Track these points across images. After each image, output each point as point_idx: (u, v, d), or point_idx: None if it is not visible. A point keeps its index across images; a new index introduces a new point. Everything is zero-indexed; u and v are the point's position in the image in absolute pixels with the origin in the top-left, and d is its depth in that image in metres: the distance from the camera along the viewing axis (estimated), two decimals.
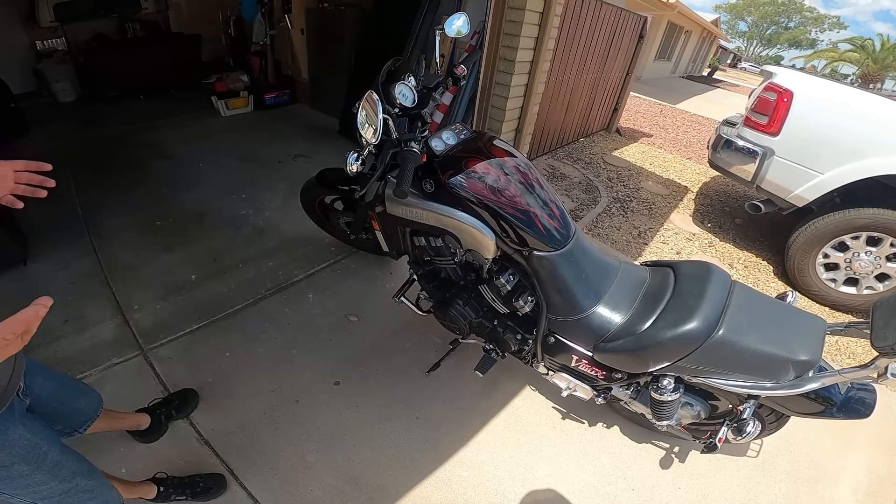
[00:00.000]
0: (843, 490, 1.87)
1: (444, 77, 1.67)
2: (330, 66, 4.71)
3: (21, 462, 0.91)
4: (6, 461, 0.89)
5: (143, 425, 1.60)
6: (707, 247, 3.71)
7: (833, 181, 2.90)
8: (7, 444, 0.88)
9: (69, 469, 1.03)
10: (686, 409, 1.63)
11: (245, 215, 3.00)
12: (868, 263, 2.88)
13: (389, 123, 1.38)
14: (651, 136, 6.94)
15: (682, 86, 15.78)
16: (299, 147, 4.08)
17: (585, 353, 1.58)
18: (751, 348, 1.31)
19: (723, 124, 3.77)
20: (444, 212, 1.49)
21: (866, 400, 1.43)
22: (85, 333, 2.02)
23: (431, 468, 1.73)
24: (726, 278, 1.50)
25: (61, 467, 1.00)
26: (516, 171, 1.53)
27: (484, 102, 3.70)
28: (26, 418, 0.96)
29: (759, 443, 1.98)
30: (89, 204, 2.85)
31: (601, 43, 4.88)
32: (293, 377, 1.97)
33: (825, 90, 2.99)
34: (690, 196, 4.72)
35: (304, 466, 1.66)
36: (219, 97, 4.65)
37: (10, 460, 0.89)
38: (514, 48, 3.37)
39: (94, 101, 4.57)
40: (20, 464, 0.91)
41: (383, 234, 1.92)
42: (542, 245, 1.48)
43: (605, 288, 1.57)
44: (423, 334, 2.27)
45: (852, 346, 2.74)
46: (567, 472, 1.80)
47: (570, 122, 5.23)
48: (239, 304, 2.29)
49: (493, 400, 2.02)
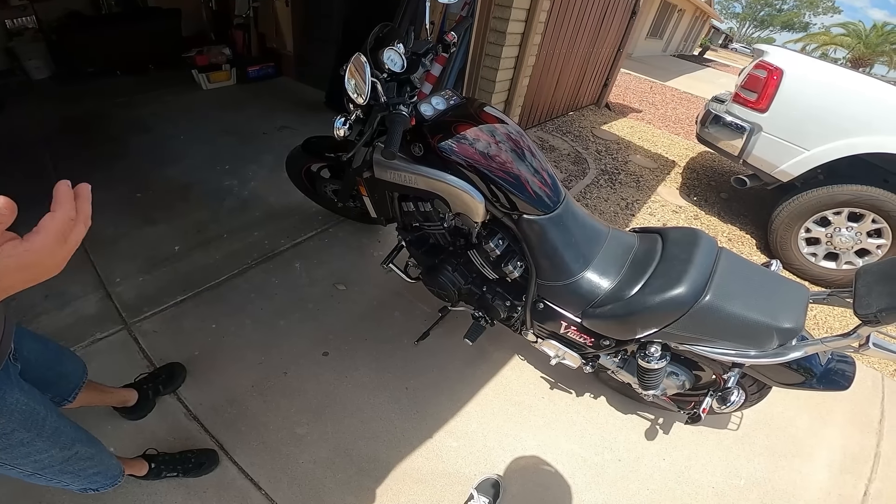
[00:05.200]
0: (818, 466, 1.92)
1: (434, 44, 1.63)
2: (316, 39, 4.57)
3: (21, 429, 0.88)
4: (6, 428, 0.85)
5: (130, 401, 1.58)
6: (693, 219, 3.77)
7: (818, 158, 2.94)
8: (6, 410, 0.85)
9: (68, 435, 1.00)
10: (671, 379, 1.66)
11: (229, 186, 2.93)
12: (848, 239, 2.95)
13: (378, 87, 1.35)
14: (640, 112, 6.93)
15: (673, 64, 15.70)
16: (284, 119, 3.98)
17: (574, 319, 1.59)
18: (736, 315, 1.32)
19: (712, 101, 3.78)
20: (433, 175, 1.47)
21: (846, 372, 1.46)
22: (66, 309, 1.97)
23: (422, 438, 1.74)
24: (713, 244, 1.51)
25: (60, 433, 0.97)
26: (507, 137, 1.51)
27: (474, 74, 3.65)
28: (22, 383, 0.93)
29: (740, 416, 2.02)
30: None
31: (593, 17, 4.80)
32: (281, 349, 1.95)
33: (814, 69, 3.01)
34: (678, 170, 4.75)
35: (294, 439, 1.66)
36: (200, 71, 4.49)
37: (10, 427, 0.86)
38: (506, 19, 3.31)
39: (70, 78, 4.39)
40: (20, 430, 0.88)
41: (371, 200, 1.90)
42: (531, 209, 1.48)
43: (594, 253, 1.58)
44: (411, 303, 2.27)
45: (830, 321, 2.81)
46: (555, 442, 1.83)
47: (560, 95, 5.18)
48: (224, 274, 2.26)
49: (482, 370, 2.03)
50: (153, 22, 4.86)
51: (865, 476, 1.91)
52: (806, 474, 1.88)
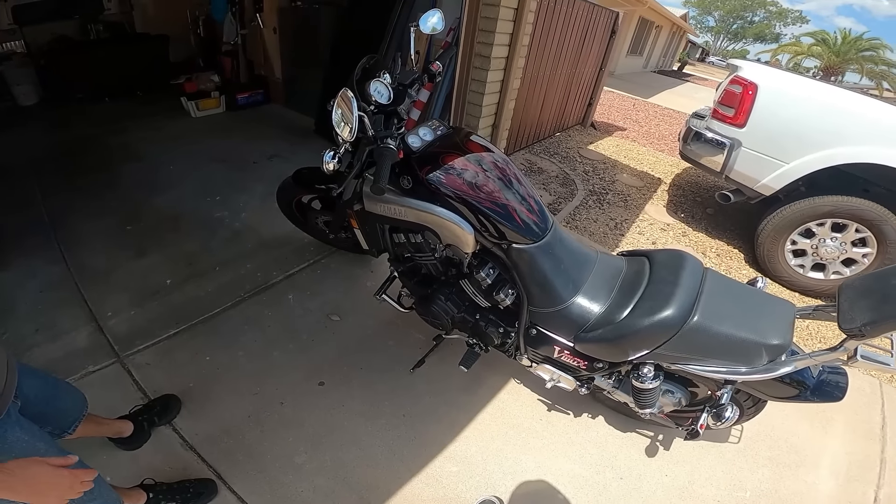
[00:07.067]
0: (823, 475, 1.92)
1: (420, 74, 1.66)
2: (305, 66, 4.64)
3: None
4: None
5: (125, 432, 1.57)
6: (681, 236, 3.81)
7: (797, 170, 3.01)
8: (6, 448, 0.86)
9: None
10: (667, 397, 1.67)
11: (220, 218, 2.93)
12: (834, 249, 3.00)
13: (365, 121, 1.38)
14: (625, 130, 7.07)
15: (654, 80, 16.08)
16: (275, 147, 4.00)
17: (567, 343, 1.60)
18: (725, 333, 1.35)
19: (692, 117, 3.87)
20: (422, 207, 1.49)
21: (839, 383, 1.48)
22: (58, 342, 1.95)
23: (421, 465, 1.73)
24: (698, 266, 1.54)
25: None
26: (493, 166, 1.55)
27: (460, 99, 3.71)
28: (21, 420, 0.93)
29: (740, 429, 2.02)
30: (56, 210, 2.75)
31: (575, 38, 4.94)
32: (276, 379, 1.94)
33: (788, 83, 3.11)
34: (664, 187, 4.83)
35: (292, 468, 1.65)
36: (189, 98, 4.52)
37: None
38: (490, 44, 3.39)
39: (58, 104, 4.40)
40: None
41: (362, 232, 1.92)
42: (520, 238, 1.50)
43: (584, 278, 1.60)
44: (406, 332, 2.27)
45: (823, 331, 2.84)
46: (555, 463, 1.82)
47: (546, 117, 5.28)
48: (217, 307, 2.25)
49: (478, 395, 2.03)
50: (141, 47, 4.94)
51: (874, 483, 1.92)
52: (812, 484, 1.88)
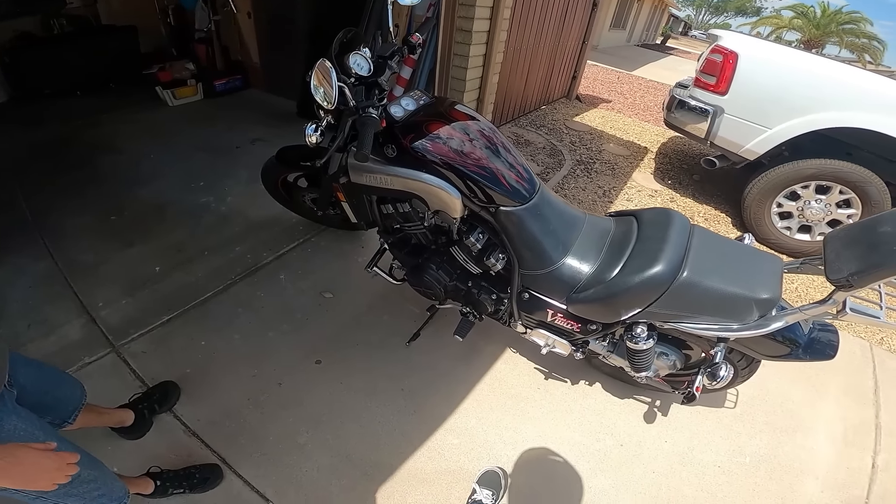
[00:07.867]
0: (821, 440, 1.96)
1: (400, 45, 1.64)
2: (283, 49, 4.51)
3: None
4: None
5: (127, 421, 1.56)
6: (669, 202, 3.87)
7: (780, 135, 3.06)
8: (4, 436, 0.85)
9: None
10: (662, 360, 1.69)
11: (206, 203, 2.88)
12: (819, 211, 3.06)
13: (346, 92, 1.36)
14: (610, 102, 7.06)
15: (637, 54, 15.99)
16: (257, 131, 3.93)
17: (559, 305, 1.62)
18: (714, 288, 1.37)
19: (676, 86, 3.88)
20: (408, 175, 1.48)
21: (830, 341, 1.51)
22: (52, 336, 1.93)
23: (422, 439, 1.75)
24: (686, 222, 1.56)
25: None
26: (479, 133, 1.54)
27: (444, 74, 3.68)
28: (19, 409, 0.92)
29: (736, 393, 2.06)
30: (38, 208, 2.66)
31: (556, 11, 4.88)
32: (273, 360, 1.94)
33: (767, 51, 3.13)
34: (650, 156, 4.86)
35: (295, 448, 1.66)
36: (164, 87, 4.40)
37: None
38: (471, 18, 3.35)
39: (28, 101, 4.25)
40: None
41: (350, 206, 1.90)
42: (508, 201, 1.50)
43: (573, 239, 1.61)
44: (399, 305, 2.27)
45: (811, 293, 2.91)
46: (555, 431, 1.85)
47: (530, 90, 5.25)
48: (209, 291, 2.23)
49: (475, 365, 2.05)
50: (108, 40, 4.77)
51: (870, 448, 1.95)
52: (810, 448, 1.91)
